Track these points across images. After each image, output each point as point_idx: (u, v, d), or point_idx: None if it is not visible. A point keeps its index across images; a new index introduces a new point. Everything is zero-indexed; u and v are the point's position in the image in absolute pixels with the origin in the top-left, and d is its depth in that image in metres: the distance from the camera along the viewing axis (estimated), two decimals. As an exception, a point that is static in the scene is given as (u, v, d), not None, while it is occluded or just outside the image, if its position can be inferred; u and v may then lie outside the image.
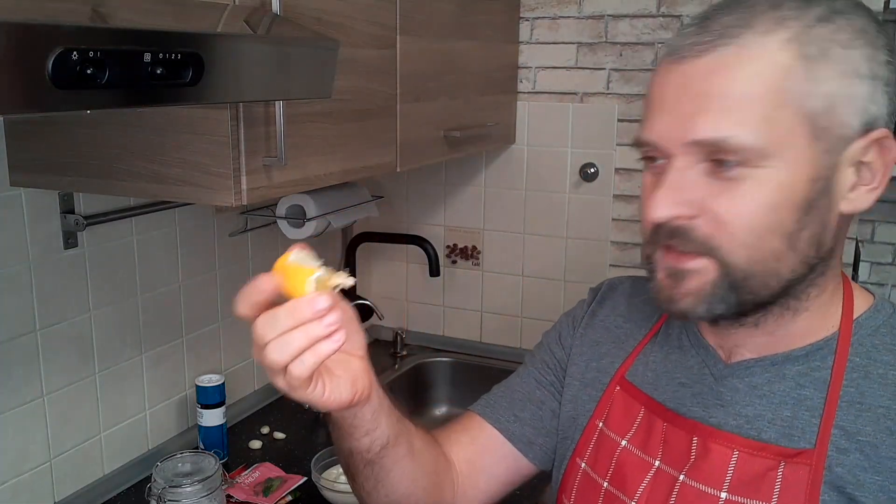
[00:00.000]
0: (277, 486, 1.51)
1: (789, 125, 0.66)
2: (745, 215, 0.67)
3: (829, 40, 0.66)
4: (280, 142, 1.15)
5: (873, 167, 0.69)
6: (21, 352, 1.32)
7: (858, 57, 0.67)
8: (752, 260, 0.68)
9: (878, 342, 0.73)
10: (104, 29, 0.76)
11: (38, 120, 1.21)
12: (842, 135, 0.67)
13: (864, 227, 2.56)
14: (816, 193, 0.67)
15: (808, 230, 0.68)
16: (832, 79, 0.66)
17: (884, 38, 0.68)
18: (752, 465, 0.72)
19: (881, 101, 0.68)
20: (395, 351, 2.27)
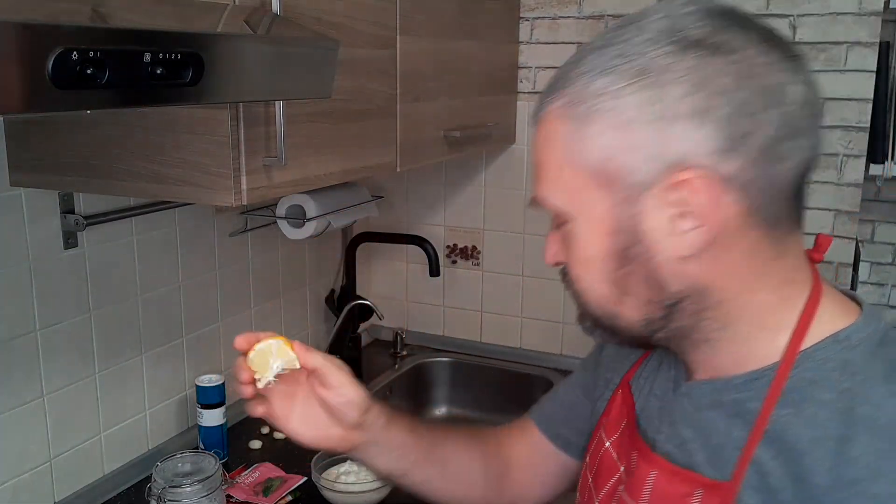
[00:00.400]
0: (277, 486, 1.51)
1: (577, 184, 0.68)
2: (574, 267, 0.73)
3: (600, 95, 0.66)
4: (280, 142, 1.15)
5: (692, 206, 0.64)
6: (21, 352, 1.32)
7: (636, 103, 0.64)
8: (594, 303, 0.73)
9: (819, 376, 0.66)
10: (104, 29, 0.76)
11: (38, 120, 1.21)
12: (633, 182, 0.66)
13: (864, 227, 2.56)
14: (624, 242, 0.68)
15: (635, 276, 0.69)
16: (604, 133, 0.66)
17: (685, 69, 0.63)
18: (668, 488, 0.73)
19: (686, 138, 0.63)
20: (395, 351, 2.27)
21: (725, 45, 0.64)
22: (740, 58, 0.63)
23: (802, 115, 0.65)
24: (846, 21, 1.80)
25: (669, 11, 0.67)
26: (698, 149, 0.63)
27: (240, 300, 1.82)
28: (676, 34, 0.65)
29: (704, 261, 0.67)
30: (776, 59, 0.65)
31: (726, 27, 0.65)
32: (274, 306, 1.95)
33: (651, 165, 0.65)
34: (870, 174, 2.19)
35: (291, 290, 2.01)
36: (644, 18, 0.68)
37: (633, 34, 0.67)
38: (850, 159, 1.85)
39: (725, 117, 0.63)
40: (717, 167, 0.63)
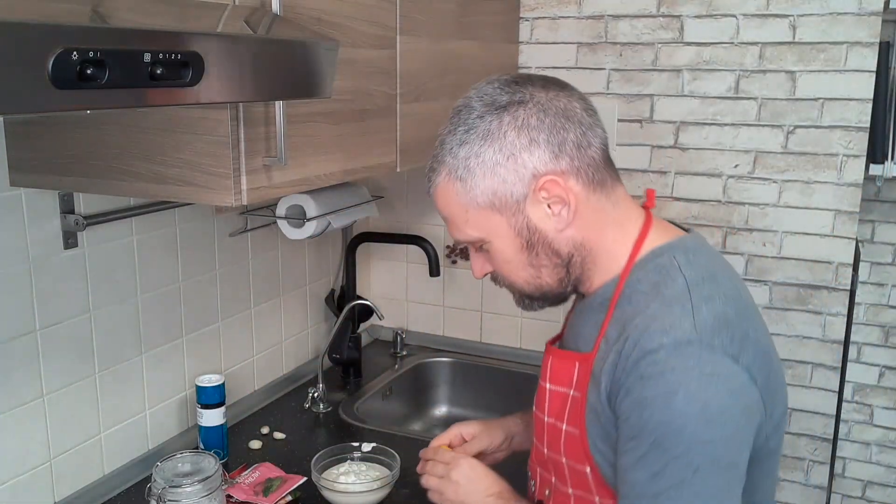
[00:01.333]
0: (277, 486, 1.51)
1: (479, 217, 1.02)
2: (502, 269, 1.07)
3: (466, 158, 1.00)
4: (280, 142, 1.15)
5: (557, 195, 1.00)
6: (21, 352, 1.32)
7: (491, 154, 0.99)
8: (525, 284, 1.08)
9: (642, 276, 1.01)
10: (104, 29, 0.76)
11: (38, 120, 1.21)
12: (514, 200, 1.00)
13: (864, 227, 2.56)
14: (526, 238, 1.02)
15: (541, 255, 1.04)
16: (482, 179, 1.00)
17: (507, 123, 0.98)
18: (558, 364, 1.09)
19: (530, 160, 0.98)
20: (395, 351, 2.27)
21: (522, 100, 1.00)
22: (534, 102, 0.99)
23: (587, 115, 1.01)
24: (846, 21, 1.80)
25: (481, 93, 1.02)
26: (540, 163, 0.99)
27: (240, 300, 1.82)
28: (491, 105, 1.00)
29: (574, 226, 1.02)
30: (554, 93, 1.01)
31: (518, 88, 1.01)
32: (274, 306, 1.95)
33: (519, 185, 1.00)
34: (870, 174, 2.19)
35: (291, 290, 2.01)
36: (470, 102, 1.02)
37: (467, 115, 1.02)
38: (850, 159, 1.85)
39: (546, 139, 0.99)
40: (557, 167, 0.99)
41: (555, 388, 1.08)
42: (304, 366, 2.07)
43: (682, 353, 0.92)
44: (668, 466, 0.91)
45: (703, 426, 0.90)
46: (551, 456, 1.09)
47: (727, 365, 0.92)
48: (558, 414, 1.07)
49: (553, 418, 1.08)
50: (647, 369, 0.92)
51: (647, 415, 0.92)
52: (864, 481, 2.68)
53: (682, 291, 0.97)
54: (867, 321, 2.63)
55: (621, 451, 0.96)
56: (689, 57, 1.94)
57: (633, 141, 2.02)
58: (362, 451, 1.58)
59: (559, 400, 1.07)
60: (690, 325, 0.93)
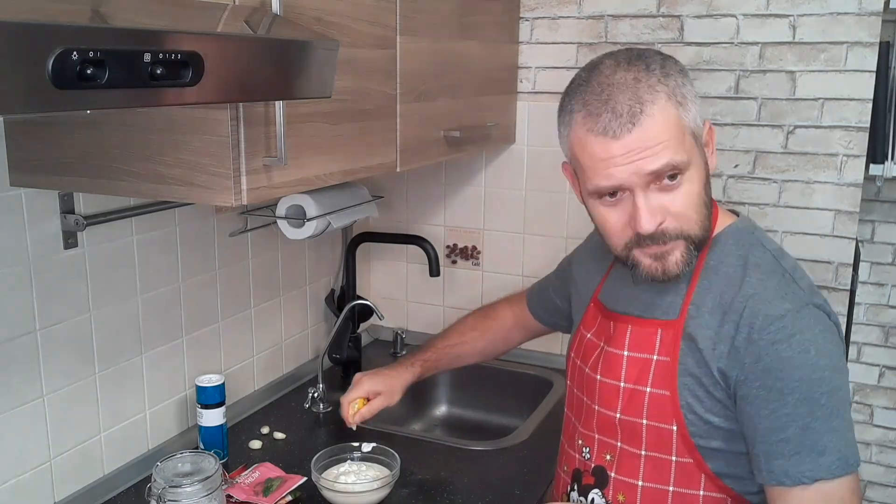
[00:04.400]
0: (277, 486, 1.51)
1: (690, 141, 1.07)
2: (691, 205, 1.08)
3: (680, 87, 1.07)
4: (280, 142, 1.15)
5: (711, 140, 1.13)
6: (21, 352, 1.32)
7: (690, 89, 1.09)
8: (698, 228, 1.09)
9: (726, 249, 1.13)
10: (104, 29, 0.76)
11: (38, 120, 1.21)
12: (701, 133, 1.10)
13: (864, 227, 2.56)
14: (705, 172, 1.10)
15: (709, 193, 1.11)
16: (692, 107, 1.08)
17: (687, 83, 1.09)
18: (640, 332, 1.15)
19: (699, 109, 1.10)
20: (395, 351, 2.27)
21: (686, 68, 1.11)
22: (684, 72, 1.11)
23: None
24: (846, 21, 1.80)
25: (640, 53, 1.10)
26: (700, 111, 1.10)
27: (240, 300, 1.82)
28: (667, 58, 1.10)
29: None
30: None
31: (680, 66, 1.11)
32: (274, 306, 1.95)
33: (700, 121, 1.10)
34: (870, 174, 2.19)
35: (291, 290, 2.01)
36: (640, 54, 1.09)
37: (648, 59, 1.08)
38: (850, 159, 1.85)
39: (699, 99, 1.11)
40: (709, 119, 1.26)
41: (635, 354, 1.15)
42: (304, 366, 2.07)
43: (803, 316, 1.04)
44: (816, 417, 1.01)
45: (834, 375, 1.03)
46: (627, 420, 1.15)
47: (829, 319, 1.07)
48: (639, 379, 1.14)
49: (633, 383, 1.15)
50: (777, 335, 1.03)
51: (785, 374, 1.02)
52: (864, 481, 2.68)
53: (773, 263, 1.10)
54: (867, 321, 2.63)
55: (761, 412, 1.04)
56: (689, 57, 1.94)
57: (633, 141, 2.02)
58: (362, 452, 1.58)
59: (640, 365, 1.14)
60: (799, 290, 1.07)
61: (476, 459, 1.68)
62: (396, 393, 1.57)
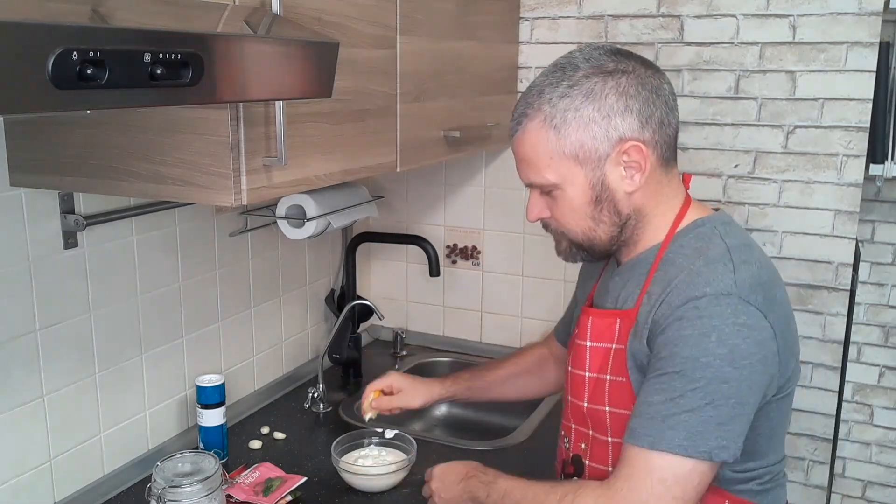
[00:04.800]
0: (277, 486, 1.51)
1: (561, 164, 1.13)
2: (566, 216, 1.17)
3: (566, 110, 1.11)
4: (280, 142, 1.15)
5: (636, 161, 1.12)
6: (21, 352, 1.32)
7: (588, 111, 1.10)
8: (579, 235, 1.18)
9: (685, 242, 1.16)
10: (104, 29, 0.76)
11: (38, 120, 1.21)
12: (598, 156, 1.12)
13: (864, 227, 2.56)
14: (597, 192, 1.14)
15: (605, 210, 1.15)
16: (574, 132, 1.11)
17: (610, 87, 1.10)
18: (598, 322, 1.21)
19: (622, 124, 1.10)
20: (395, 351, 2.27)
21: (626, 69, 1.12)
22: (635, 75, 1.12)
23: (671, 100, 1.15)
24: (846, 21, 1.80)
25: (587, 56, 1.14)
26: (629, 129, 1.11)
27: (240, 300, 1.82)
28: (599, 68, 1.12)
29: (640, 192, 1.15)
30: (651, 72, 1.14)
31: (622, 59, 1.13)
32: (274, 306, 1.95)
33: (606, 144, 1.12)
34: (870, 174, 2.19)
35: (291, 290, 2.01)
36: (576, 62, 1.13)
37: (572, 72, 1.12)
38: (850, 159, 1.85)
39: (638, 109, 1.11)
40: (641, 136, 1.12)
41: (596, 344, 1.21)
42: (304, 366, 2.07)
43: (720, 303, 1.06)
44: (686, 395, 1.05)
45: (727, 367, 1.04)
46: (592, 408, 1.21)
47: (758, 318, 1.06)
48: (601, 368, 1.20)
49: (595, 373, 1.21)
50: (686, 312, 1.07)
51: (678, 349, 1.06)
52: (864, 481, 2.68)
53: (723, 253, 1.12)
54: (867, 321, 2.63)
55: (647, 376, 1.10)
56: (689, 57, 1.94)
57: (633, 141, 2.02)
58: (384, 437, 1.64)
59: (601, 355, 1.20)
60: (731, 281, 1.08)
61: (476, 459, 1.67)
62: (418, 397, 1.58)
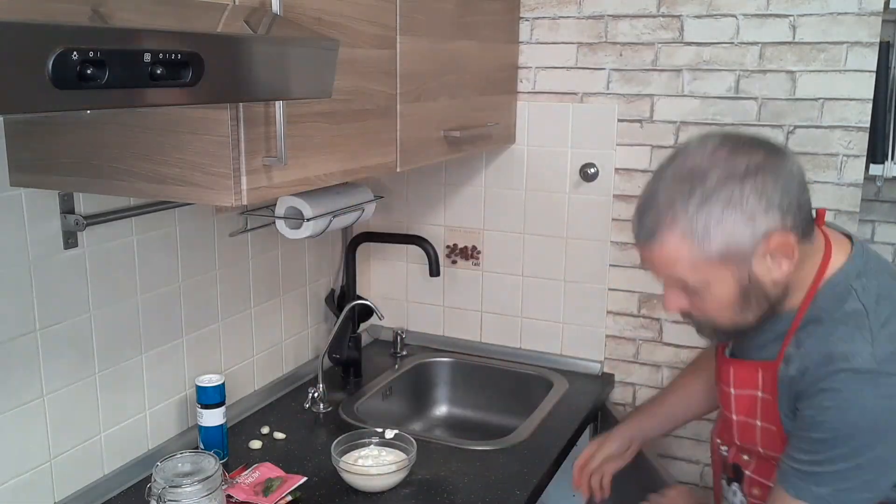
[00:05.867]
0: (277, 486, 1.51)
1: (706, 268, 1.11)
2: (712, 310, 1.17)
3: (707, 221, 1.09)
4: (280, 142, 1.15)
5: (783, 251, 1.11)
6: (21, 352, 1.32)
7: (731, 218, 1.08)
8: (728, 323, 1.18)
9: (822, 304, 1.16)
10: (104, 29, 0.76)
11: (38, 120, 1.21)
12: (743, 255, 1.10)
13: (864, 228, 2.56)
14: (744, 287, 1.13)
15: (753, 301, 1.15)
16: (717, 239, 1.09)
17: (749, 190, 1.08)
18: (740, 371, 1.25)
19: (765, 221, 1.08)
20: (395, 351, 2.27)
21: (758, 166, 1.09)
22: (770, 168, 1.09)
23: (802, 177, 1.14)
24: (846, 21, 1.80)
25: (715, 160, 1.11)
26: (773, 222, 1.09)
27: (240, 300, 1.82)
28: (733, 172, 1.09)
29: (787, 274, 1.13)
30: (781, 157, 1.12)
31: (751, 152, 1.10)
32: (274, 306, 1.95)
33: (751, 243, 1.09)
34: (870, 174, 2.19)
35: (291, 290, 2.01)
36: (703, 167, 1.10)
37: (702, 180, 1.09)
38: (850, 159, 1.85)
39: (778, 202, 1.09)
40: (784, 226, 1.09)
41: (741, 391, 1.25)
42: (304, 366, 2.07)
43: (860, 380, 1.08)
44: (830, 458, 1.10)
45: (871, 437, 1.08)
46: (745, 446, 1.28)
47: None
48: (749, 412, 1.25)
49: (744, 416, 1.26)
50: (826, 384, 1.10)
51: (821, 418, 1.10)
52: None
53: (861, 318, 1.12)
54: (867, 321, 2.62)
55: (794, 430, 1.16)
56: (689, 57, 1.94)
57: (633, 141, 2.02)
58: (385, 437, 1.64)
59: (747, 401, 1.24)
60: (870, 355, 1.09)
61: (476, 459, 1.68)
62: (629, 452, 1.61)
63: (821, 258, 1.18)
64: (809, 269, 1.17)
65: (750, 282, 1.12)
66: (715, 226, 1.08)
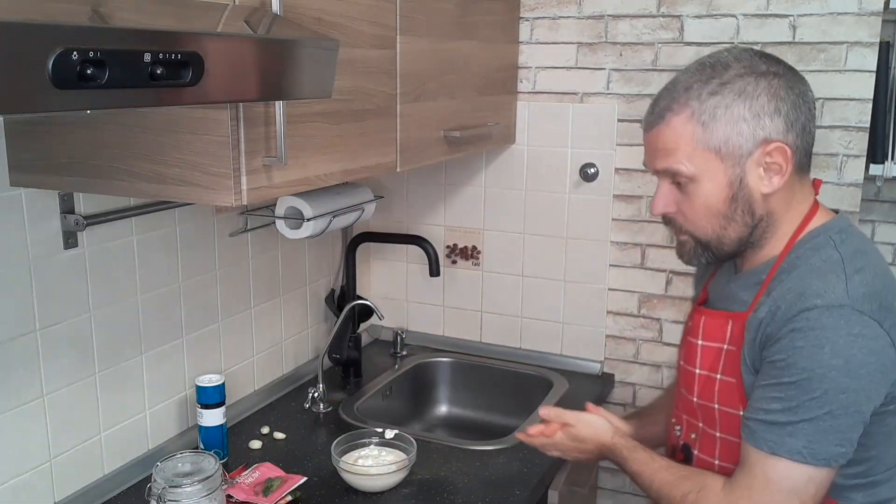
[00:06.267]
0: (277, 486, 1.51)
1: (703, 157, 1.13)
2: (696, 210, 1.17)
3: (716, 107, 1.12)
4: (280, 142, 1.15)
5: (777, 163, 1.13)
6: (21, 352, 1.32)
7: (739, 109, 1.11)
8: (708, 233, 1.18)
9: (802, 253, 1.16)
10: (104, 29, 0.76)
11: (38, 120, 1.21)
12: (740, 154, 1.12)
13: (864, 227, 2.56)
14: (734, 190, 1.14)
15: (739, 209, 1.15)
16: (721, 128, 1.12)
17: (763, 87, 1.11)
18: (713, 323, 1.23)
19: (769, 125, 1.11)
20: (395, 351, 2.27)
21: (776, 73, 1.13)
22: (785, 79, 1.13)
23: (813, 107, 1.16)
24: (846, 21, 1.80)
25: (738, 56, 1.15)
26: (775, 130, 1.12)
27: (240, 300, 1.82)
28: (753, 69, 1.13)
29: (776, 195, 1.15)
30: (800, 78, 1.16)
31: (773, 62, 1.15)
32: (274, 306, 1.95)
33: (751, 143, 1.12)
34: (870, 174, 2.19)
35: (291, 290, 2.01)
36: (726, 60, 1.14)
37: (722, 70, 1.13)
38: (850, 159, 1.85)
39: (786, 111, 1.12)
40: (786, 139, 1.12)
41: (707, 343, 1.23)
42: (304, 366, 2.07)
43: (833, 314, 1.07)
44: (804, 405, 1.07)
45: (843, 377, 1.06)
46: (702, 403, 1.24)
47: (872, 328, 1.07)
48: (712, 366, 1.22)
49: (706, 370, 1.23)
50: (799, 324, 1.08)
51: (793, 360, 1.08)
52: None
53: (836, 263, 1.12)
54: (867, 321, 2.62)
55: (760, 381, 1.13)
56: (689, 57, 1.93)
57: (633, 141, 2.02)
58: (385, 437, 1.64)
59: (712, 354, 1.22)
60: (843, 291, 1.08)
61: (476, 459, 1.68)
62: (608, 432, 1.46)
63: (807, 210, 1.19)
64: (794, 216, 1.18)
65: (740, 186, 1.13)
66: (723, 113, 1.11)
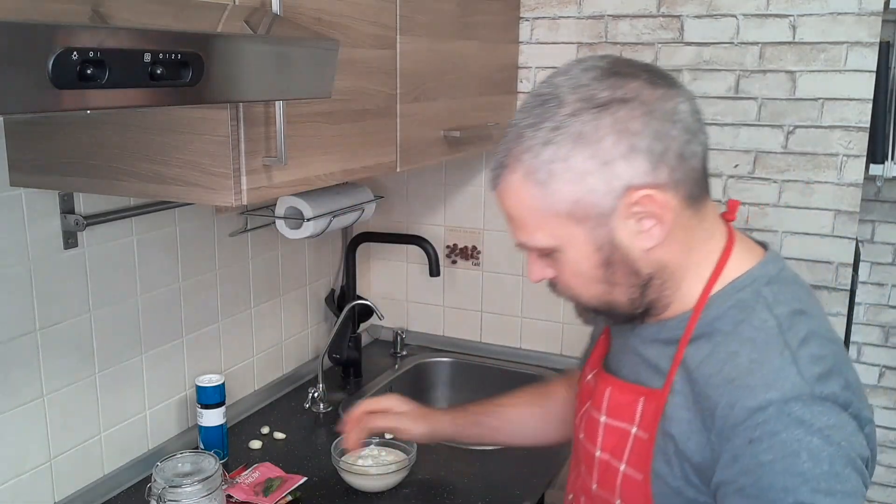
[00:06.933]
0: (277, 486, 1.51)
1: (556, 225, 0.88)
2: (571, 279, 0.94)
3: (552, 161, 0.86)
4: (280, 142, 1.15)
5: (649, 212, 0.86)
6: (21, 352, 1.32)
7: (579, 160, 0.85)
8: (592, 299, 0.95)
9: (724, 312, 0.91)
10: (104, 29, 0.76)
11: (38, 120, 1.21)
12: (598, 213, 0.86)
13: (864, 228, 2.56)
14: (607, 253, 0.89)
15: (618, 273, 0.90)
16: (564, 187, 0.86)
17: (606, 125, 0.84)
18: (620, 397, 0.99)
19: (626, 170, 0.84)
20: (395, 351, 2.27)
21: (626, 97, 0.85)
22: (638, 102, 0.85)
23: (693, 121, 0.88)
24: (846, 21, 1.80)
25: (575, 83, 0.88)
26: (636, 174, 0.85)
27: (240, 300, 1.82)
28: (590, 101, 0.85)
29: (662, 245, 0.89)
30: (663, 91, 0.86)
31: (621, 82, 0.86)
32: (274, 306, 1.95)
33: (608, 197, 0.86)
34: (870, 174, 2.19)
35: (291, 290, 2.01)
36: (560, 93, 0.88)
37: (555, 108, 0.86)
38: (850, 159, 1.85)
39: (646, 147, 0.84)
40: (654, 180, 0.85)
41: (612, 422, 0.99)
42: (304, 366, 2.07)
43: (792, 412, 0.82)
44: None
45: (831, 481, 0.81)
46: (601, 493, 1.01)
47: (837, 416, 0.83)
48: (614, 451, 0.98)
49: (608, 454, 0.99)
50: (755, 432, 0.82)
51: (766, 481, 0.82)
52: (864, 481, 2.68)
53: (773, 334, 0.87)
54: (867, 321, 2.63)
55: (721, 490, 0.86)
56: (689, 57, 1.94)
57: (633, 141, 2.02)
58: (384, 437, 1.63)
59: (616, 436, 0.98)
60: (796, 376, 0.84)
61: (476, 459, 1.68)
62: (421, 424, 1.41)
63: (719, 248, 0.94)
64: (700, 259, 0.93)
65: (612, 248, 0.89)
66: (561, 168, 0.85)
